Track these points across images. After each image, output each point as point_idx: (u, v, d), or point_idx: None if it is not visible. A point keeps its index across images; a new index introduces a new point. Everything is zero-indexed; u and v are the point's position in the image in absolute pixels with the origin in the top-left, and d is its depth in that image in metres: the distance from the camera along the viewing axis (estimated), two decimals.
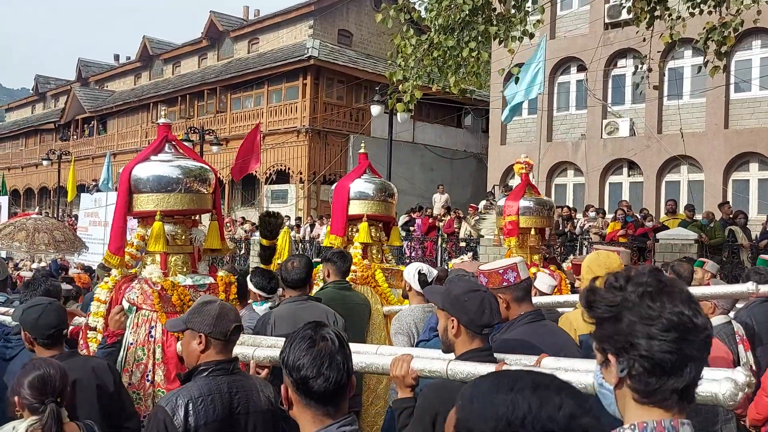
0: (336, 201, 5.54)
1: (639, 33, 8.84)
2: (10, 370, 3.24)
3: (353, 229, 5.44)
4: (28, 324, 2.99)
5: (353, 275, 4.98)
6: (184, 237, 3.78)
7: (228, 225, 18.10)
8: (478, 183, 23.86)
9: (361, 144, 6.03)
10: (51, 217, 17.26)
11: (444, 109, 23.84)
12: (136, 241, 3.73)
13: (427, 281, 4.01)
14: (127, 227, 3.88)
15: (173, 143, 3.90)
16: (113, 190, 17.86)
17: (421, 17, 10.10)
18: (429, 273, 4.12)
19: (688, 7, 8.41)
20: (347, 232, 5.44)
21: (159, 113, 4.32)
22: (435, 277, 4.20)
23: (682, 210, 13.42)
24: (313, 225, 18.29)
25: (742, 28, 8.12)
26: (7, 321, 3.79)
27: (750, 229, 12.36)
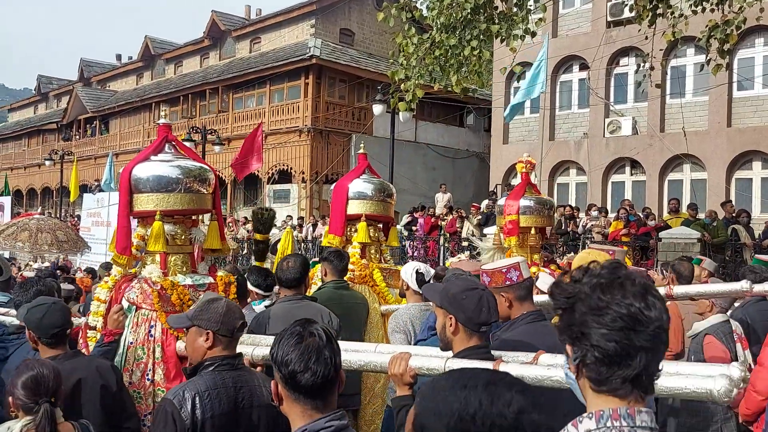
0: (335, 201, 5.56)
1: (641, 31, 8.82)
2: (7, 369, 3.25)
3: (352, 229, 5.46)
4: (32, 323, 3.00)
5: (351, 274, 5.00)
6: (183, 237, 3.80)
7: (230, 225, 18.11)
8: (480, 182, 23.86)
9: (361, 144, 6.04)
10: (54, 218, 17.28)
11: (446, 108, 23.82)
12: (136, 241, 3.74)
13: (425, 280, 4.02)
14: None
15: (173, 143, 3.91)
16: (116, 190, 17.87)
17: (423, 16, 10.08)
18: (426, 272, 4.13)
19: (690, 5, 8.39)
20: (346, 231, 5.46)
21: (159, 113, 4.33)
22: (432, 276, 4.20)
23: (684, 209, 13.39)
24: (316, 225, 18.29)
25: (744, 25, 8.10)
26: (8, 321, 3.79)
27: (753, 228, 12.33)
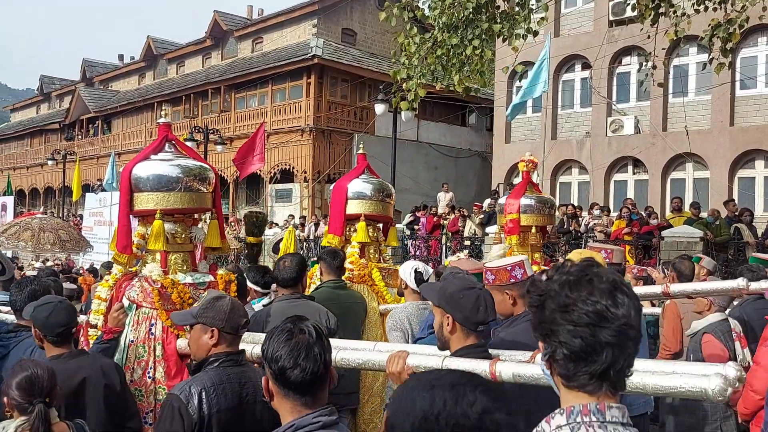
0: (334, 201, 5.57)
1: (643, 30, 8.80)
2: (6, 367, 3.26)
3: (351, 229, 5.47)
4: (38, 322, 3.04)
5: (350, 274, 5.02)
6: (184, 235, 3.81)
7: (232, 224, 18.12)
8: (482, 181, 23.85)
9: (360, 144, 6.05)
10: (56, 217, 17.32)
11: (448, 108, 23.81)
12: (136, 240, 3.77)
13: (423, 279, 4.02)
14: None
15: (173, 142, 3.93)
16: (117, 189, 17.91)
17: (425, 15, 10.07)
18: (425, 271, 4.13)
19: (692, 4, 8.37)
20: (345, 231, 5.47)
21: (159, 113, 4.35)
22: (432, 274, 4.20)
23: (687, 208, 13.37)
24: (318, 224, 18.28)
25: (747, 24, 8.08)
26: (9, 319, 3.81)
27: (756, 227, 12.31)
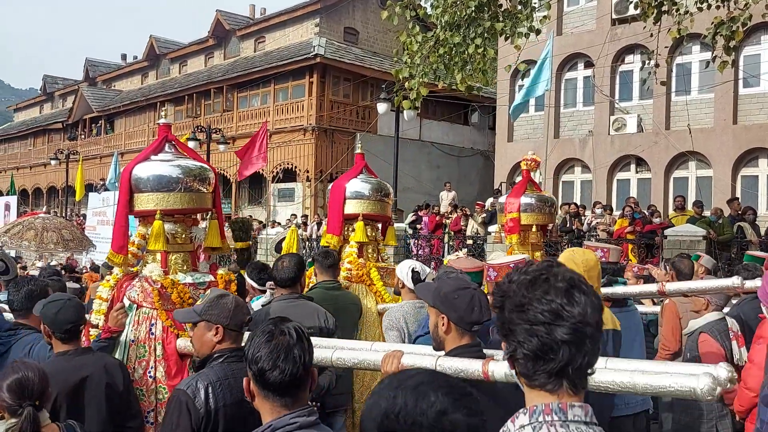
0: (332, 200, 5.58)
1: (646, 28, 8.80)
2: (6, 364, 3.28)
3: (349, 229, 5.48)
4: (47, 318, 3.10)
5: (348, 273, 5.02)
6: (184, 235, 3.83)
7: None
8: (485, 180, 23.83)
9: (358, 144, 6.04)
10: (59, 217, 17.35)
11: (450, 107, 23.80)
12: (137, 240, 3.78)
13: (420, 279, 4.02)
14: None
15: (173, 143, 3.95)
16: None
17: (427, 14, 10.08)
18: (422, 271, 4.13)
19: (695, 2, 8.36)
20: (343, 231, 5.48)
21: (159, 113, 4.37)
22: (428, 275, 4.20)
23: (690, 206, 13.35)
24: (320, 223, 18.29)
25: (750, 22, 8.07)
26: (8, 318, 3.84)
27: (759, 225, 12.28)
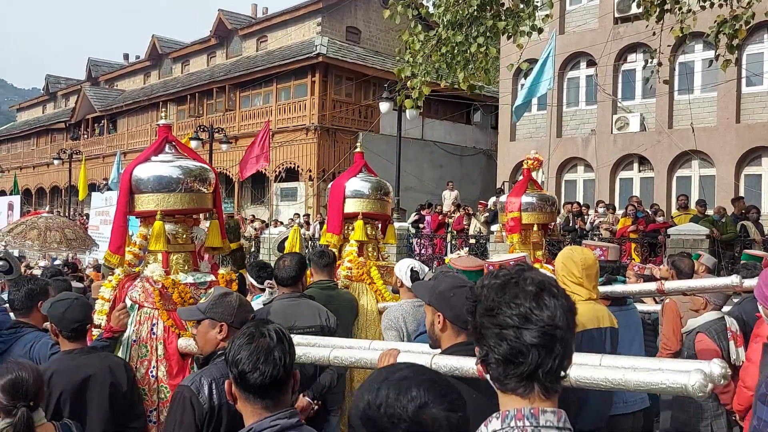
0: (332, 200, 5.58)
1: (649, 27, 8.79)
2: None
3: (349, 228, 5.48)
4: (55, 317, 3.13)
5: (348, 272, 5.02)
6: (185, 236, 3.84)
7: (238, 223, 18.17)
8: (487, 179, 23.81)
9: (357, 143, 6.05)
10: (62, 216, 17.38)
11: (453, 106, 23.79)
12: (138, 241, 3.79)
13: (419, 278, 4.02)
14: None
15: (173, 144, 3.96)
16: None
17: (429, 13, 10.07)
18: (421, 270, 4.13)
19: (698, 1, 8.35)
20: (343, 230, 5.48)
21: (160, 114, 4.38)
22: (427, 274, 4.20)
23: (693, 205, 13.33)
24: (323, 223, 18.30)
25: (753, 21, 8.06)
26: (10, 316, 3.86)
27: (762, 224, 12.25)
